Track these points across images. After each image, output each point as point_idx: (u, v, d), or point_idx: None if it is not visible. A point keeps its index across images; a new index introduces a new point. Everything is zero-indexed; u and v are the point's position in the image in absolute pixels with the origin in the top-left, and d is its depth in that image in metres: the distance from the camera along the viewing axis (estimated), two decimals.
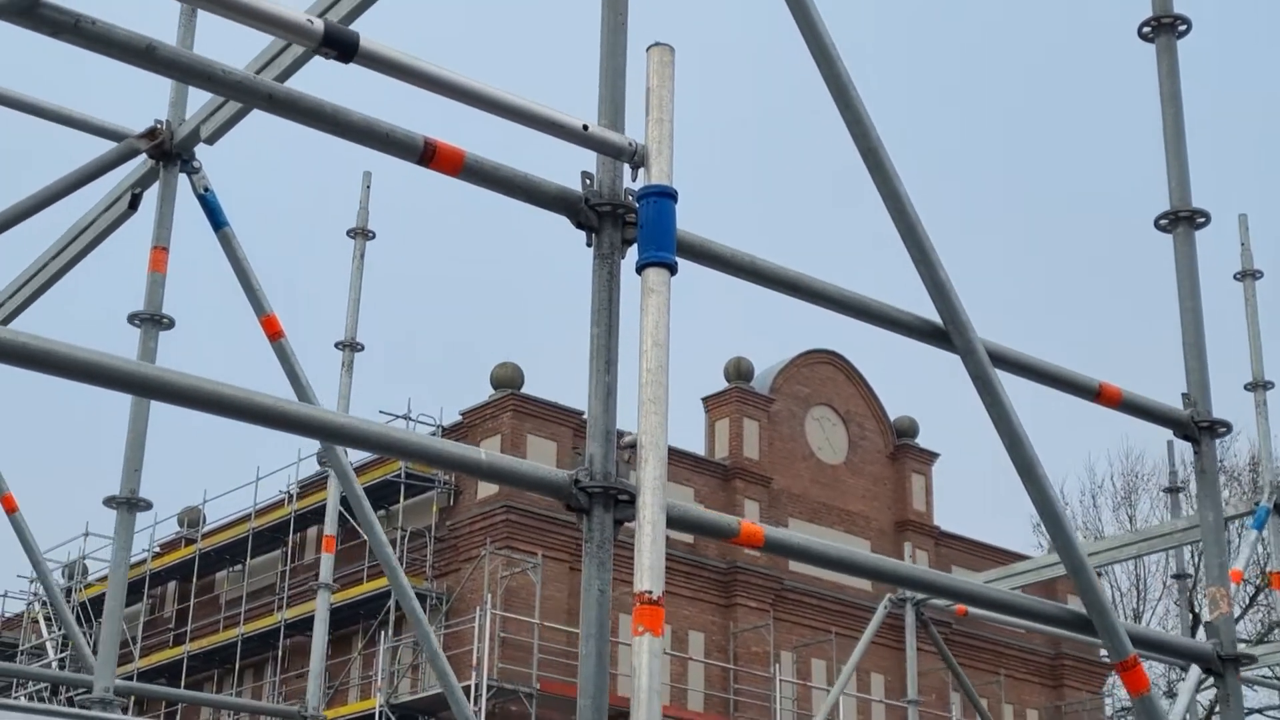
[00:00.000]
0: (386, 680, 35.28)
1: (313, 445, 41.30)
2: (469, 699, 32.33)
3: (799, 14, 4.63)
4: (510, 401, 35.75)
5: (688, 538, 38.84)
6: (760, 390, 40.16)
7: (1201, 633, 5.54)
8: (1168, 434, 5.72)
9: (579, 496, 3.88)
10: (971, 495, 70.78)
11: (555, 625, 34.41)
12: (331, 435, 3.87)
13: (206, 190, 6.65)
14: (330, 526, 10.79)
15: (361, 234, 10.44)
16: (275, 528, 40.60)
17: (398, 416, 36.91)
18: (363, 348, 10.03)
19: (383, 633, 35.65)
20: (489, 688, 32.38)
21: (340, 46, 3.62)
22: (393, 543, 36.25)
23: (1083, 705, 45.08)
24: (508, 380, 36.07)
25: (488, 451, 3.78)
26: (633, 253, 4.10)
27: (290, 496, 40.78)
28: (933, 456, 43.99)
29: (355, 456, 40.48)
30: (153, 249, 6.47)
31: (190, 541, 43.94)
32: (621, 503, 3.91)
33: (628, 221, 4.13)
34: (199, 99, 6.48)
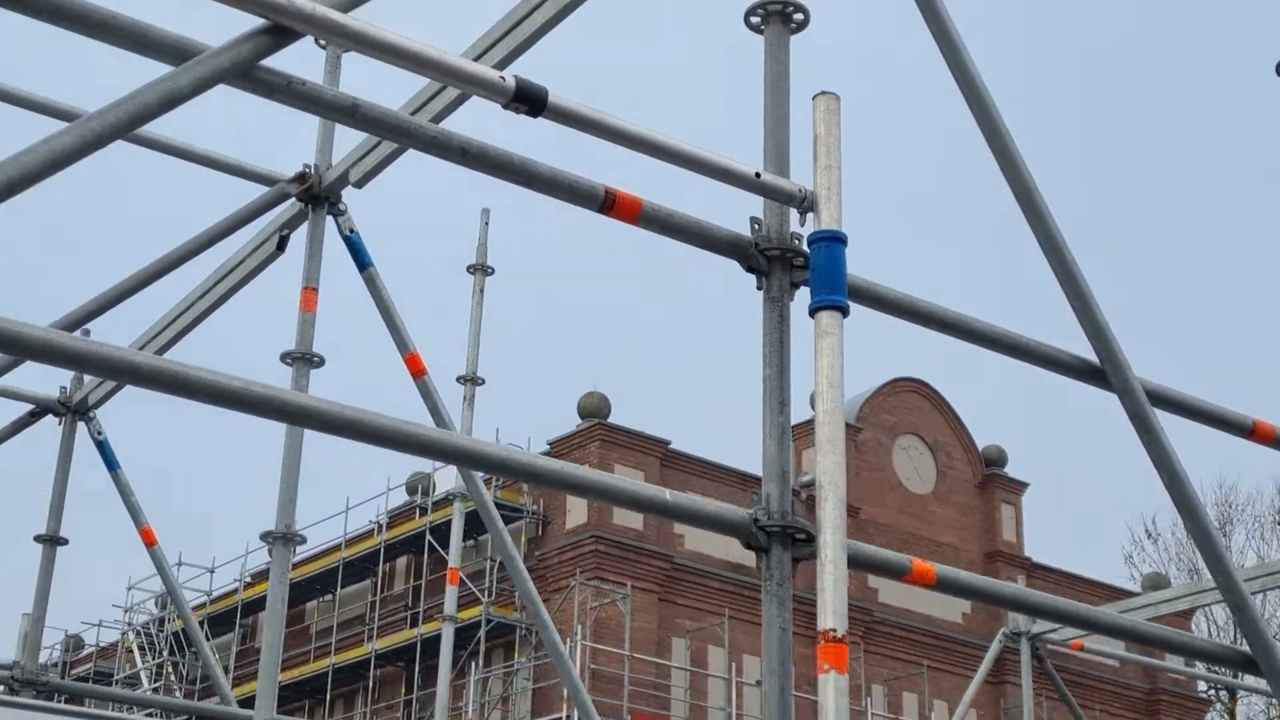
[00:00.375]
0: (478, 712, 35.47)
1: (401, 476, 41.78)
2: None
3: (953, 62, 4.73)
4: (598, 431, 35.95)
5: None
6: (847, 419, 40.08)
7: None
8: (1268, 466, 5.72)
9: (758, 535, 3.98)
10: (1058, 526, 70.14)
11: (645, 657, 34.47)
12: (518, 473, 3.99)
13: (352, 232, 6.83)
14: (454, 559, 10.95)
15: (481, 269, 10.65)
16: (365, 558, 40.97)
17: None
18: (484, 382, 10.22)
19: (473, 663, 35.85)
20: None
21: (530, 101, 3.76)
22: (481, 573, 36.50)
23: None
24: (595, 410, 36.27)
25: (672, 492, 3.90)
26: (801, 295, 4.20)
27: (380, 527, 41.16)
28: (1022, 486, 43.70)
29: (440, 487, 40.60)
30: (303, 289, 6.65)
31: None
32: (798, 541, 4.01)
33: (795, 265, 4.25)
34: (346, 142, 6.68)
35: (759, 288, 4.22)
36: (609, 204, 3.98)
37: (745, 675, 36.44)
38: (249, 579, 45.74)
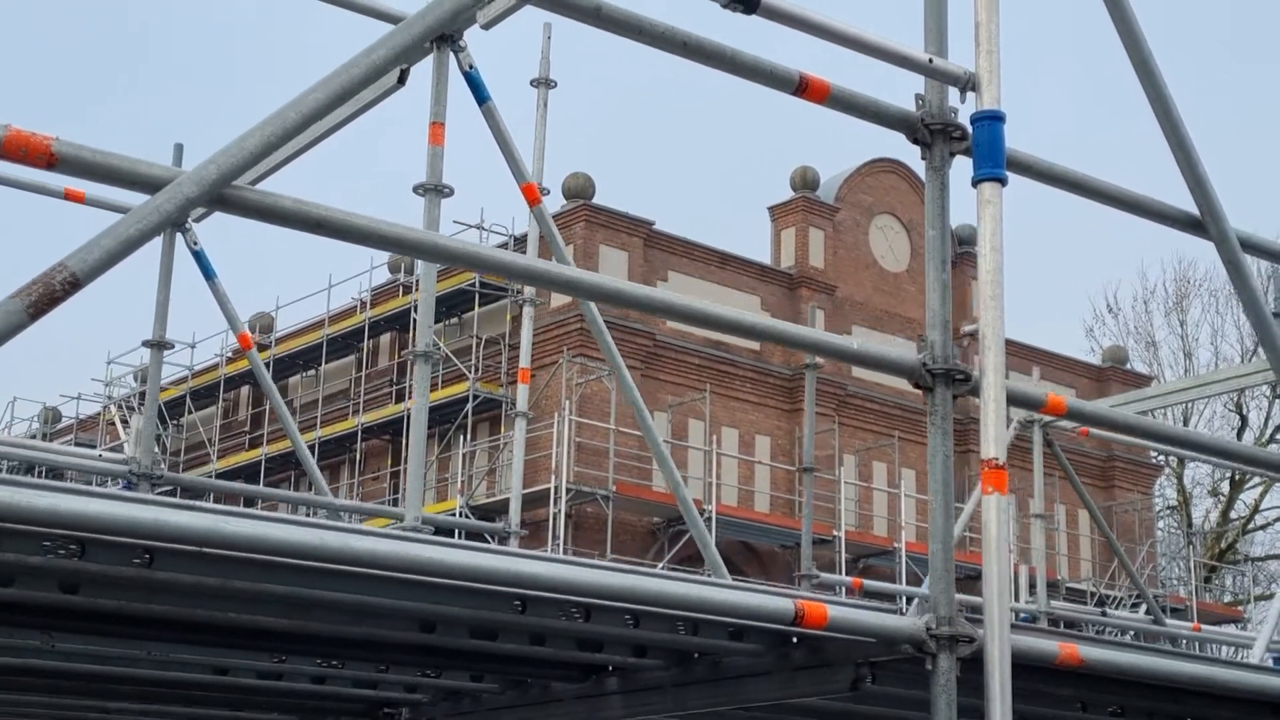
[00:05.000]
0: (465, 483, 36.61)
1: (383, 256, 42.26)
2: (550, 502, 33.70)
3: None
4: (582, 212, 36.42)
5: (754, 345, 39.91)
6: (825, 199, 40.69)
7: None
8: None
9: (926, 376, 4.64)
10: (1025, 302, 71.67)
11: (628, 430, 35.57)
12: (656, 309, 4.54)
13: (471, 68, 7.29)
14: (524, 359, 11.56)
15: (544, 83, 11.05)
16: (348, 334, 41.68)
17: (470, 226, 37.37)
18: (549, 191, 10.69)
19: (460, 437, 36.88)
20: (567, 490, 33.64)
21: (745, 1, 4.29)
22: (467, 350, 37.30)
23: (1133, 505, 46.38)
24: (579, 190, 36.65)
25: (860, 341, 4.53)
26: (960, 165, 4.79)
27: (363, 304, 41.78)
28: None
29: (420, 266, 40.96)
30: (431, 124, 7.15)
31: (263, 347, 45.02)
32: (957, 381, 4.67)
33: (953, 137, 4.82)
34: None
35: (923, 158, 4.81)
36: (803, 87, 4.53)
37: (724, 447, 37.70)
38: (230, 354, 46.45)
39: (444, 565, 3.69)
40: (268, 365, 43.73)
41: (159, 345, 9.11)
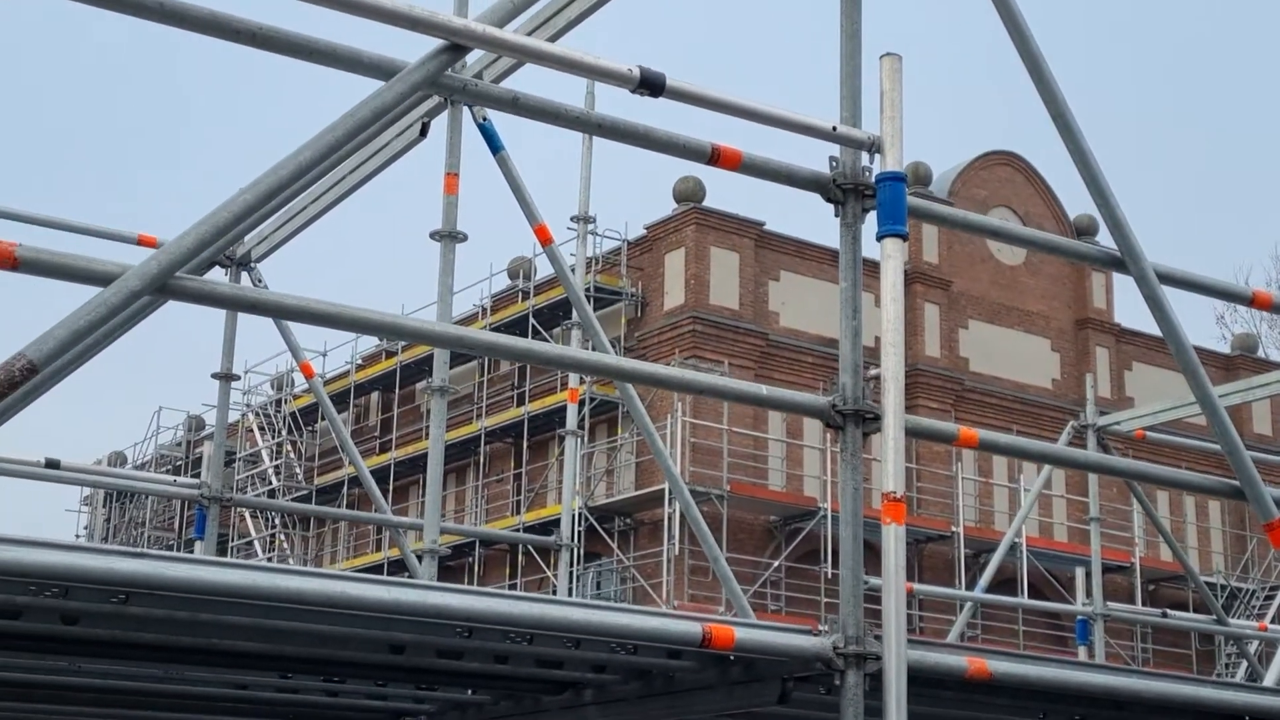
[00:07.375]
0: (584, 484, 37.30)
1: (502, 262, 43.15)
2: (665, 502, 34.27)
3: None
4: (693, 215, 36.91)
5: (870, 341, 40.01)
6: (938, 194, 40.67)
7: None
8: None
9: (836, 417, 5.08)
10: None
11: (742, 430, 36.01)
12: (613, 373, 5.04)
13: (485, 119, 7.85)
14: (574, 379, 12.09)
15: None
16: None
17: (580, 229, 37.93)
18: (594, 219, 11.23)
19: (578, 440, 37.52)
20: None
21: (652, 86, 4.77)
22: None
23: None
24: (689, 194, 37.14)
25: (769, 388, 5.00)
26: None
27: (484, 311, 42.73)
28: None
29: (543, 271, 41.73)
30: (446, 175, 7.73)
31: (390, 354, 46.29)
32: (867, 419, 5.11)
33: (865, 195, 5.25)
34: None
35: (836, 215, 5.24)
36: (715, 157, 5.00)
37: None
38: (360, 361, 47.80)
39: (347, 598, 4.24)
40: (394, 372, 45.06)
41: (226, 378, 9.81)
